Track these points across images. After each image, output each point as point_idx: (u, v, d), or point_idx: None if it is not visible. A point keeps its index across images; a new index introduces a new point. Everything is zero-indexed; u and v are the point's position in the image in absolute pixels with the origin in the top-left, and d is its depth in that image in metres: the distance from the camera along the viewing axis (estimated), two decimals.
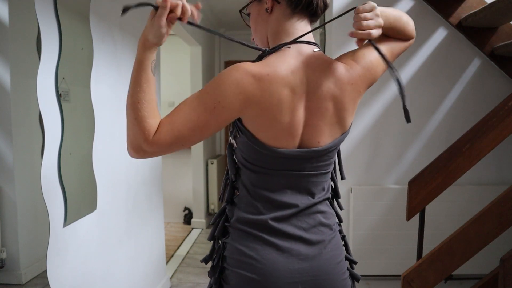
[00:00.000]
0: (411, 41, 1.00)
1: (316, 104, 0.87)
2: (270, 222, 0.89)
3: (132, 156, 0.84)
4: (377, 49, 0.83)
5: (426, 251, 1.83)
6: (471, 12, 2.12)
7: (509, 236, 1.91)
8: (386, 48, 0.94)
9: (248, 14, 1.00)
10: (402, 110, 0.80)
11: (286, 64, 0.85)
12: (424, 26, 2.34)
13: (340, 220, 1.03)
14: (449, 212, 2.32)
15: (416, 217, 1.86)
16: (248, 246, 0.89)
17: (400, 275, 1.76)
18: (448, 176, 1.73)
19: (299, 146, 0.89)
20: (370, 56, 0.92)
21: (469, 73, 2.36)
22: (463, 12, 2.21)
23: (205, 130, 0.82)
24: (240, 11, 1.03)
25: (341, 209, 1.05)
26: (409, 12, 2.35)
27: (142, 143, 0.80)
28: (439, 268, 1.63)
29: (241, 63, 0.83)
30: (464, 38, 2.29)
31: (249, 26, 1.01)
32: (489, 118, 1.67)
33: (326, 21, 2.63)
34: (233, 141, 0.95)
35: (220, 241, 0.97)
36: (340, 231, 1.02)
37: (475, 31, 2.21)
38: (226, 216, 0.97)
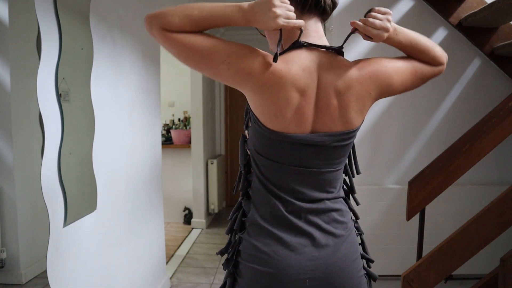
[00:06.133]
0: (440, 68, 1.03)
1: (324, 102, 0.89)
2: (284, 217, 0.91)
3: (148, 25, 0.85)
4: (351, 33, 0.93)
5: (426, 251, 1.83)
6: (471, 12, 2.12)
7: (509, 236, 1.91)
8: (409, 64, 0.97)
9: None
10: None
11: (298, 64, 0.87)
12: (424, 26, 2.34)
13: (357, 217, 1.05)
14: (449, 212, 2.31)
15: (416, 217, 1.86)
16: (262, 242, 0.91)
17: (400, 275, 1.76)
18: (448, 176, 1.73)
19: None
20: (388, 62, 0.94)
21: (469, 73, 2.36)
22: (463, 12, 2.21)
23: (203, 63, 0.85)
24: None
25: (357, 204, 1.06)
26: (409, 12, 2.35)
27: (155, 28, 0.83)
28: (439, 268, 1.63)
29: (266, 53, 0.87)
30: (464, 38, 2.29)
31: (265, 36, 1.02)
32: (489, 118, 1.67)
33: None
34: (246, 132, 0.97)
35: (236, 235, 0.99)
36: (357, 228, 1.03)
37: (475, 31, 2.21)
38: (243, 211, 0.98)
